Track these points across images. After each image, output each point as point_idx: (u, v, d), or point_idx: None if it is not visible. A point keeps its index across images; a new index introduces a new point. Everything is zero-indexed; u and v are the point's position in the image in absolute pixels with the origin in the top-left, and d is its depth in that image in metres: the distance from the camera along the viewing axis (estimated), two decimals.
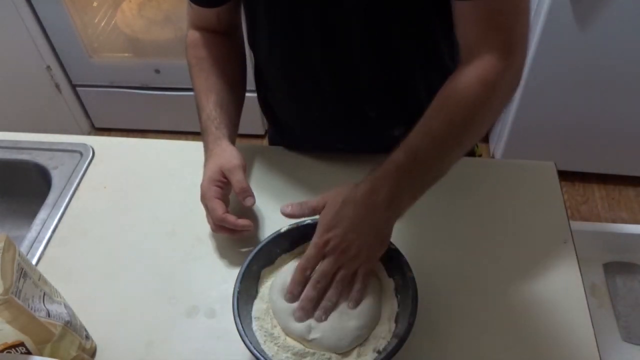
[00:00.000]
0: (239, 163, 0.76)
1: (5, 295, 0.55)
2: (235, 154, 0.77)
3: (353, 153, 0.91)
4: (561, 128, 1.77)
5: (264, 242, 0.69)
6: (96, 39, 2.01)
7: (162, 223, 0.84)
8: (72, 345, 0.65)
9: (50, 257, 0.81)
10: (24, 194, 0.97)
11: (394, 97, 0.83)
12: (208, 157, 0.79)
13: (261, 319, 0.66)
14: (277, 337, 0.64)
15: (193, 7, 0.84)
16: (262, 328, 0.65)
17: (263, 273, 0.70)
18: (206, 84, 0.83)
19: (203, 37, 0.86)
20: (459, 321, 0.71)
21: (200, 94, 0.82)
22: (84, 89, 2.11)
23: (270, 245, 0.70)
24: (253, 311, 0.67)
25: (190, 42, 0.86)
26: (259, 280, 0.70)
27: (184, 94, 2.03)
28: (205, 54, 0.84)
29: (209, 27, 0.86)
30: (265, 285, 0.69)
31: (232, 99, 0.84)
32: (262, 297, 0.68)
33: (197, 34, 0.86)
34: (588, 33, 1.49)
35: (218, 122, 0.80)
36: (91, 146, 0.96)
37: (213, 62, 0.84)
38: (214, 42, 0.85)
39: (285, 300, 0.65)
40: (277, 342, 0.64)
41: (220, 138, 0.79)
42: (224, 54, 0.86)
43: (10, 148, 0.96)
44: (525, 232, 0.80)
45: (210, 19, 0.84)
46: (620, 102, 1.66)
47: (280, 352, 0.63)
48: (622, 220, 1.84)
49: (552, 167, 0.89)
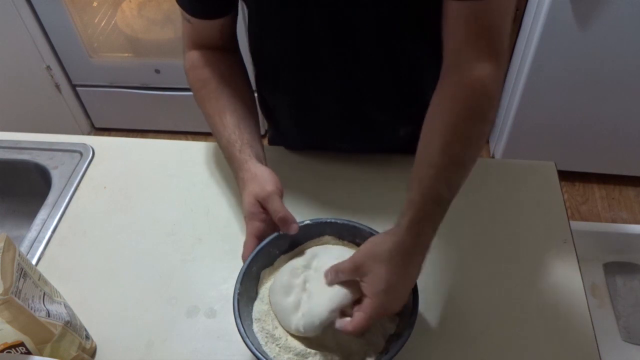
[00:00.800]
0: (273, 189, 0.70)
1: (5, 295, 0.55)
2: (267, 178, 0.71)
3: (354, 153, 0.91)
4: (561, 128, 1.77)
5: (263, 244, 0.69)
6: (96, 39, 2.01)
7: (162, 223, 0.84)
8: (72, 345, 0.65)
9: (50, 257, 0.81)
10: (24, 194, 0.98)
11: (402, 98, 0.82)
12: (241, 187, 0.73)
13: (262, 320, 0.66)
14: (279, 338, 0.64)
15: (193, 23, 0.79)
16: (263, 329, 0.65)
17: (263, 274, 0.70)
18: (217, 107, 0.78)
19: (203, 56, 0.81)
20: (458, 321, 0.71)
21: (215, 119, 0.78)
22: (84, 89, 2.11)
23: (270, 246, 0.69)
24: (254, 312, 0.67)
25: (190, 65, 0.82)
26: (258, 281, 0.70)
27: (184, 94, 2.03)
28: (209, 73, 0.80)
29: (209, 44, 0.82)
30: (265, 286, 0.69)
31: (247, 114, 0.79)
32: (262, 299, 0.68)
33: (195, 54, 0.82)
34: (588, 33, 1.49)
35: (240, 144, 0.75)
36: (91, 146, 0.96)
37: (219, 81, 0.80)
38: (215, 59, 0.82)
39: None
40: (279, 343, 0.64)
41: (246, 162, 0.74)
42: (228, 68, 0.82)
43: (10, 148, 0.96)
44: (525, 232, 0.80)
45: (212, 33, 0.81)
46: (620, 102, 1.66)
47: (282, 353, 0.63)
48: (622, 220, 1.84)
49: (552, 167, 0.89)
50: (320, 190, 0.86)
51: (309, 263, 0.68)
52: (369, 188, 0.86)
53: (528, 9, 1.63)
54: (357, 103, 0.83)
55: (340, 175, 0.88)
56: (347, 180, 0.88)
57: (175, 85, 2.02)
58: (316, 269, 0.67)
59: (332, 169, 0.89)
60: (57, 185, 0.90)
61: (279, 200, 0.69)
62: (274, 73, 0.85)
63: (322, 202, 0.84)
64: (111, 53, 2.04)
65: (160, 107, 2.11)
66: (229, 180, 0.90)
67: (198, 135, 2.18)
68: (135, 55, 2.02)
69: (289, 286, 0.66)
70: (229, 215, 0.85)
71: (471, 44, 0.62)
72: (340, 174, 0.88)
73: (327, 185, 0.87)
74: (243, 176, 0.73)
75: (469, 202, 0.84)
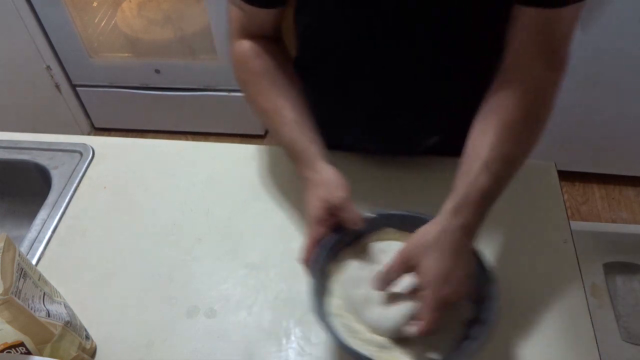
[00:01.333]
0: (345, 194, 0.67)
1: (5, 295, 0.55)
2: (338, 183, 0.68)
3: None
4: (561, 128, 1.77)
5: (330, 239, 0.67)
6: (96, 39, 2.01)
7: (162, 223, 0.84)
8: (72, 345, 0.65)
9: (50, 257, 0.81)
10: (24, 194, 0.98)
11: (440, 109, 0.81)
12: (308, 186, 0.70)
13: (340, 315, 0.65)
14: (359, 332, 0.64)
15: (247, 12, 0.75)
16: (344, 325, 0.64)
17: (329, 269, 0.69)
18: (275, 103, 0.74)
19: (254, 47, 0.76)
20: None
21: (272, 115, 0.74)
22: (84, 89, 2.11)
23: (334, 241, 0.68)
24: (329, 307, 0.66)
25: (240, 57, 0.77)
26: (326, 276, 0.68)
27: (184, 94, 2.03)
28: (262, 66, 0.76)
29: (260, 33, 0.77)
30: (333, 280, 0.68)
31: (305, 109, 0.76)
32: (334, 293, 0.67)
33: (246, 44, 0.77)
34: (588, 33, 1.49)
35: (303, 141, 0.72)
36: (91, 146, 0.96)
37: (275, 74, 0.76)
38: (268, 50, 0.77)
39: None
40: (361, 337, 0.63)
41: (312, 161, 0.71)
42: (280, 62, 0.77)
43: (10, 148, 0.96)
44: (525, 232, 0.80)
45: (265, 22, 0.76)
46: (620, 102, 1.66)
47: (364, 345, 0.62)
48: (622, 220, 1.84)
49: (552, 167, 0.89)
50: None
51: (377, 258, 0.68)
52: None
53: None
54: (393, 107, 0.81)
55: (369, 176, 0.88)
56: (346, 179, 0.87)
57: (175, 85, 2.02)
58: (385, 265, 0.66)
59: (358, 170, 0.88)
60: (57, 185, 0.90)
61: (351, 205, 0.67)
62: (316, 65, 0.82)
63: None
64: (111, 53, 2.04)
65: (160, 107, 2.11)
66: (229, 180, 0.90)
67: (198, 135, 2.18)
68: (135, 55, 2.02)
69: (358, 279, 0.66)
70: (229, 215, 0.85)
71: (539, 49, 0.63)
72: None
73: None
74: (312, 177, 0.70)
75: None
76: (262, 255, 0.79)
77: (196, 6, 1.90)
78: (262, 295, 0.75)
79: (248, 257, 0.79)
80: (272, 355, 0.69)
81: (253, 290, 0.76)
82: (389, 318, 0.63)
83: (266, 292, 0.75)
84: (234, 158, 0.93)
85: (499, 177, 0.62)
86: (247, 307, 0.74)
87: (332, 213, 0.67)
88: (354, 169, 0.88)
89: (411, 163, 0.89)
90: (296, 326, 0.72)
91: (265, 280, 0.77)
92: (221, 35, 1.82)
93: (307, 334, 0.71)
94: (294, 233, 0.81)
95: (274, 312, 0.73)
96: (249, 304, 0.74)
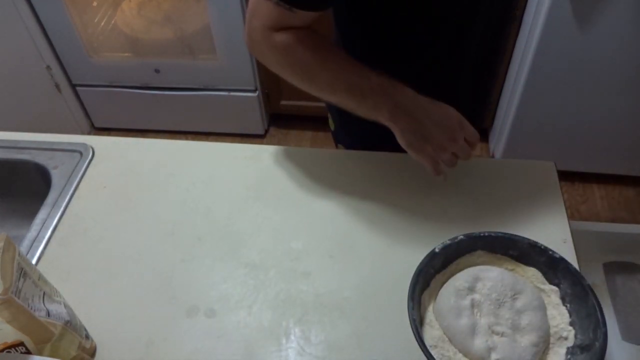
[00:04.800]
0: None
1: (5, 295, 0.55)
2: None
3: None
4: (561, 128, 1.77)
5: (422, 265, 0.66)
6: (96, 38, 2.02)
7: (162, 223, 0.84)
8: (72, 345, 0.65)
9: (50, 257, 0.81)
10: (24, 194, 0.98)
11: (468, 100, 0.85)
12: (425, 104, 0.73)
13: (439, 347, 0.64)
14: None
15: (294, 12, 0.72)
16: (443, 356, 0.63)
17: (423, 298, 0.67)
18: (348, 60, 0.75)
19: (298, 34, 0.74)
20: None
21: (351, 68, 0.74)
22: (84, 88, 2.11)
23: (427, 266, 0.66)
24: (426, 339, 0.64)
25: (285, 45, 0.75)
26: (420, 305, 0.66)
27: (184, 93, 2.03)
28: (316, 44, 0.75)
29: (301, 26, 0.75)
30: (429, 310, 0.67)
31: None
32: (431, 324, 0.65)
33: (289, 34, 0.74)
34: (588, 33, 1.49)
35: (391, 79, 0.73)
36: (91, 146, 0.96)
37: (331, 47, 0.76)
38: (312, 35, 0.76)
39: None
40: None
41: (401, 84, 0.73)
42: (329, 41, 0.78)
43: (10, 148, 0.96)
44: (525, 232, 0.80)
45: (310, 17, 0.75)
46: (620, 102, 1.66)
47: None
48: (622, 220, 1.84)
49: (552, 167, 0.89)
50: (320, 189, 0.86)
51: (473, 285, 0.66)
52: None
53: (528, 9, 1.63)
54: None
55: (340, 175, 0.88)
56: (346, 179, 0.88)
57: (175, 85, 2.02)
58: (482, 294, 0.65)
59: (332, 169, 0.89)
60: (57, 185, 0.90)
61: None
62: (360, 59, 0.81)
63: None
64: (111, 53, 2.04)
65: (160, 107, 2.11)
66: (229, 180, 0.90)
67: (198, 135, 2.18)
68: (135, 55, 2.02)
69: (458, 308, 0.64)
70: (229, 215, 0.85)
71: None
72: (340, 173, 0.88)
73: (328, 184, 0.87)
74: (423, 97, 0.73)
75: (469, 202, 0.84)
76: (262, 255, 0.79)
77: (196, 6, 1.90)
78: (261, 295, 0.75)
79: (248, 257, 0.79)
80: (272, 355, 0.69)
81: (253, 290, 0.76)
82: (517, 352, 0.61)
83: (266, 292, 0.75)
84: (234, 158, 0.93)
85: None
86: (246, 307, 0.74)
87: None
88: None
89: None
90: (296, 326, 0.72)
91: (265, 280, 0.77)
92: (221, 35, 1.82)
93: (307, 334, 0.71)
94: (294, 233, 0.81)
95: (273, 312, 0.73)
96: (249, 303, 0.74)
